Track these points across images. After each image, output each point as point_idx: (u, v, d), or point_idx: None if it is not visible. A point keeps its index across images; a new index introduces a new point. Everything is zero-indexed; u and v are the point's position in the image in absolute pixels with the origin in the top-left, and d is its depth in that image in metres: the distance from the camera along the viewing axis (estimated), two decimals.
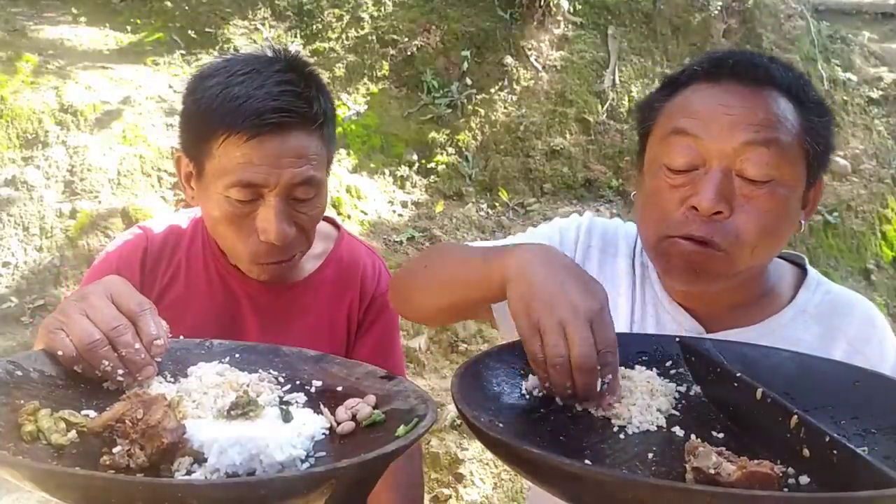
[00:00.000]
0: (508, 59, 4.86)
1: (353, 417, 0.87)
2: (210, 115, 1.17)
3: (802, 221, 1.11)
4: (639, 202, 1.14)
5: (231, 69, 1.19)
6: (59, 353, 0.84)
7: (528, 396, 0.93)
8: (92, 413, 0.81)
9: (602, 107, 4.88)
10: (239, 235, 1.21)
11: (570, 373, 0.84)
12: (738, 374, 0.91)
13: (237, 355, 1.00)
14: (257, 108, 1.13)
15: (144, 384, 0.86)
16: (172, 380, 0.91)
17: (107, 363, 0.84)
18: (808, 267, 1.23)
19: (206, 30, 4.65)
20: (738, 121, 1.00)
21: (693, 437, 0.84)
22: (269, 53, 1.24)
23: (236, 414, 0.81)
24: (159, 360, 0.89)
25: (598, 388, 0.86)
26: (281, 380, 0.95)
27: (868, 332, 1.15)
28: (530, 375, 0.95)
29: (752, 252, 1.04)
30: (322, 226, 1.45)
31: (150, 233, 1.38)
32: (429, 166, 4.44)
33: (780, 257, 1.25)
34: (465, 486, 2.83)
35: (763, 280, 1.18)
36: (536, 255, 0.93)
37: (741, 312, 1.16)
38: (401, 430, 0.79)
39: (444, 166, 4.46)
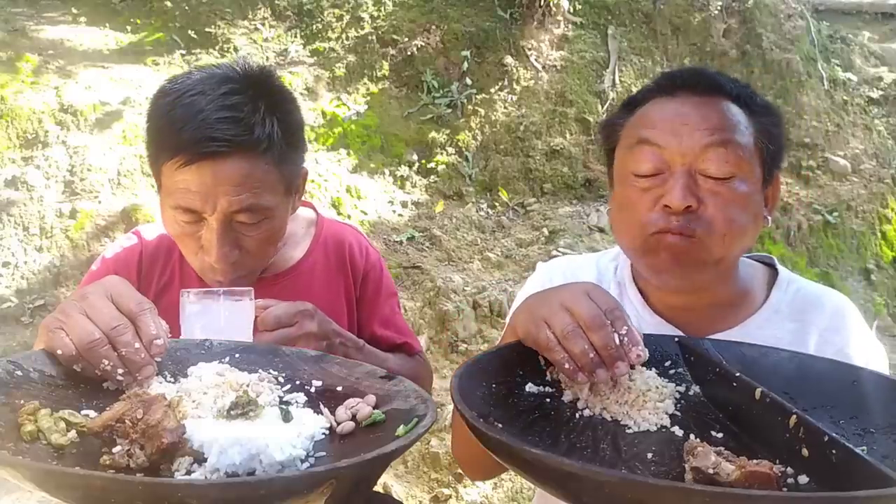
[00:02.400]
0: (508, 59, 4.86)
1: (353, 417, 0.87)
2: (156, 137, 1.19)
3: (767, 217, 1.17)
4: (613, 212, 1.21)
5: (182, 89, 1.19)
6: (59, 352, 0.84)
7: (529, 397, 0.94)
8: (92, 413, 0.81)
9: (602, 107, 4.89)
10: (190, 251, 1.23)
11: (586, 337, 0.89)
12: (738, 374, 0.91)
13: (237, 355, 1.00)
14: (192, 136, 1.13)
15: (144, 384, 0.86)
16: (172, 380, 0.91)
17: (106, 363, 0.84)
18: (779, 266, 1.28)
19: (206, 30, 4.65)
20: (696, 127, 1.08)
21: (692, 436, 0.84)
22: (232, 70, 1.22)
23: (236, 414, 0.81)
24: (159, 359, 0.89)
25: (618, 341, 0.89)
26: (281, 380, 0.96)
27: (838, 322, 1.19)
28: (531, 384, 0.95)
29: (724, 240, 1.09)
30: (302, 211, 1.48)
31: (145, 238, 1.40)
32: (429, 166, 4.44)
33: (750, 258, 1.27)
34: (465, 486, 2.83)
35: (736, 281, 1.21)
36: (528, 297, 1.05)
37: (719, 317, 1.18)
38: (401, 429, 0.80)
39: (444, 166, 4.46)
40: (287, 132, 1.23)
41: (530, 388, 0.95)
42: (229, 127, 1.14)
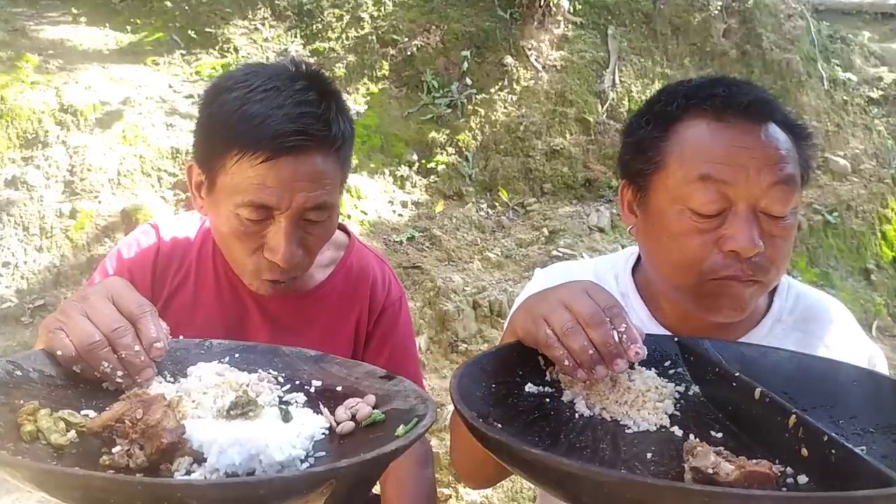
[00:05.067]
0: (508, 59, 4.86)
1: (353, 417, 0.87)
2: (226, 132, 1.14)
3: None
4: (654, 240, 1.13)
5: (251, 84, 1.15)
6: (59, 353, 0.84)
7: (529, 396, 0.94)
8: (91, 413, 0.81)
9: (602, 107, 4.89)
10: (246, 251, 1.18)
11: (585, 334, 0.88)
12: (737, 374, 0.91)
13: (237, 355, 1.00)
14: (275, 130, 1.10)
15: (144, 385, 0.86)
16: (172, 380, 0.91)
17: (106, 364, 0.84)
18: None
19: (206, 30, 4.65)
20: (762, 164, 1.04)
21: (692, 436, 0.84)
22: (291, 68, 1.20)
23: (236, 414, 0.81)
24: (159, 361, 0.89)
25: (617, 339, 0.89)
26: (280, 380, 0.96)
27: (841, 333, 1.21)
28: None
29: (779, 276, 1.10)
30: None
31: (163, 234, 1.36)
32: (429, 166, 4.44)
33: None
34: (464, 487, 2.83)
35: None
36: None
37: (724, 330, 1.17)
38: (400, 429, 0.80)
39: (444, 166, 4.46)
40: (351, 133, 1.23)
41: (530, 388, 0.95)
42: (312, 122, 1.13)
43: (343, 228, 1.48)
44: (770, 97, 1.12)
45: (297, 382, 0.96)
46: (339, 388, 0.95)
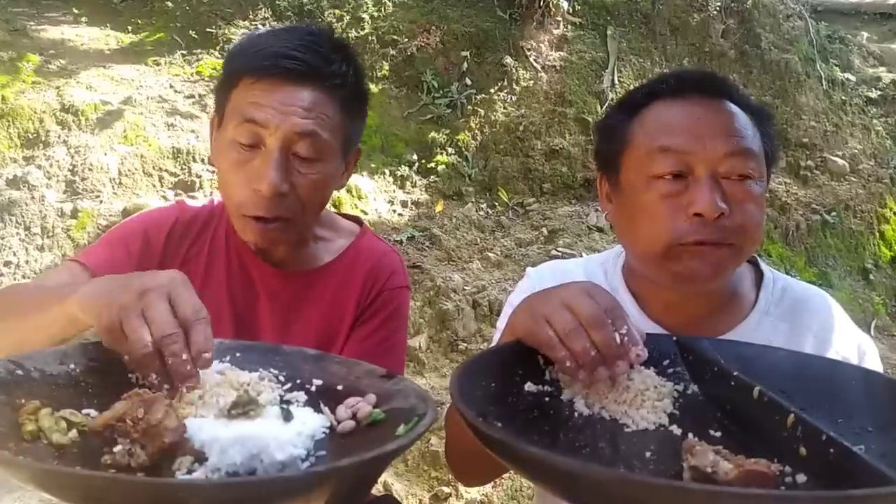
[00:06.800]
0: (508, 60, 4.86)
1: (354, 416, 0.87)
2: (234, 62, 1.25)
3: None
4: (627, 219, 1.17)
5: (267, 30, 1.28)
6: (126, 358, 0.85)
7: (528, 396, 0.94)
8: (93, 412, 0.81)
9: (601, 107, 4.89)
10: (239, 184, 1.21)
11: (587, 335, 0.89)
12: (736, 373, 0.92)
13: (238, 354, 1.00)
14: (274, 53, 1.19)
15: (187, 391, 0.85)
16: None
17: (154, 376, 0.84)
18: (763, 266, 1.29)
19: (207, 30, 4.65)
20: (717, 132, 1.09)
21: (690, 435, 0.84)
22: (314, 27, 1.31)
23: (237, 413, 0.81)
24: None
25: (619, 340, 0.90)
26: (281, 379, 0.96)
27: (829, 322, 1.22)
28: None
29: (754, 244, 1.12)
30: (347, 224, 1.50)
31: (185, 207, 1.42)
32: (429, 166, 4.44)
33: None
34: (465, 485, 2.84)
35: (732, 282, 1.22)
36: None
37: (713, 322, 1.19)
38: (401, 428, 0.80)
39: (443, 166, 4.46)
40: (357, 87, 1.30)
41: (529, 387, 0.95)
42: (311, 55, 1.20)
43: (357, 221, 1.53)
44: (725, 77, 1.20)
45: (298, 381, 0.96)
46: (339, 387, 0.95)
